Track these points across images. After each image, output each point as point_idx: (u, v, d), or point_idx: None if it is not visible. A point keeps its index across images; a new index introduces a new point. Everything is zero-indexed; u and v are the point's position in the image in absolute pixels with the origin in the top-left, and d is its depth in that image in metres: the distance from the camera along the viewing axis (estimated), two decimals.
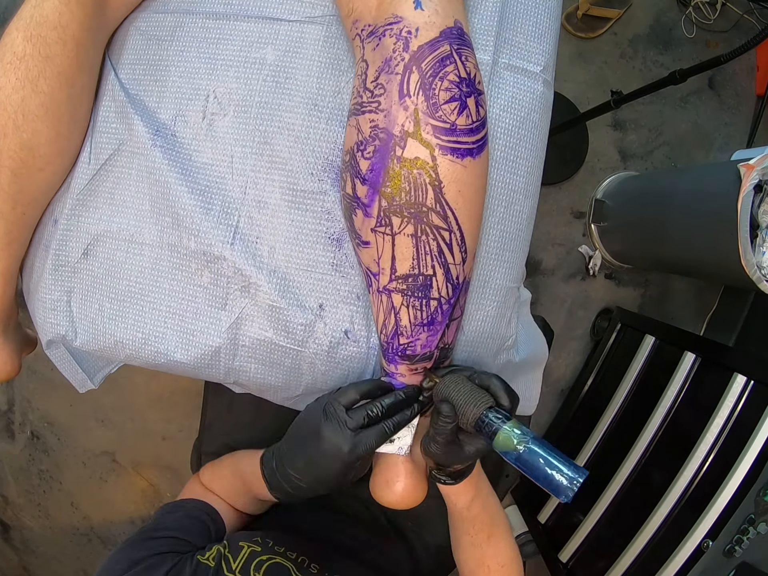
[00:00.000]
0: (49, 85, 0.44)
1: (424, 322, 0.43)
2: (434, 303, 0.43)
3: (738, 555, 0.84)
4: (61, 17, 0.44)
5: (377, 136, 0.39)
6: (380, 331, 0.46)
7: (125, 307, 0.51)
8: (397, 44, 0.38)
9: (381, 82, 0.39)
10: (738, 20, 1.50)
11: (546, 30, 0.49)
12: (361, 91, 0.41)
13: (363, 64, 0.41)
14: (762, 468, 0.86)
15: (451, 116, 0.38)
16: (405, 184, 0.39)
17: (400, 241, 0.41)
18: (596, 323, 1.54)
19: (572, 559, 1.20)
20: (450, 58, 0.38)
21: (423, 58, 0.38)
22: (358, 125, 0.41)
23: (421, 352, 0.45)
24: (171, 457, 1.55)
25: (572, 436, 1.39)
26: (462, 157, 0.39)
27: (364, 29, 0.41)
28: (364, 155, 0.40)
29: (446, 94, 0.38)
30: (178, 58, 0.50)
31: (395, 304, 0.43)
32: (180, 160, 0.48)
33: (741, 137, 1.53)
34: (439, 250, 0.41)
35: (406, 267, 0.41)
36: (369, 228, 0.42)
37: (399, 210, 0.40)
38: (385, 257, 0.42)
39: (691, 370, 1.11)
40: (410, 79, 0.38)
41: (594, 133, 1.48)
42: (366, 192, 0.41)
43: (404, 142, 0.38)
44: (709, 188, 1.05)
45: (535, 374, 0.66)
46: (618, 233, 1.43)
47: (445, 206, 0.39)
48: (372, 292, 0.45)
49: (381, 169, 0.39)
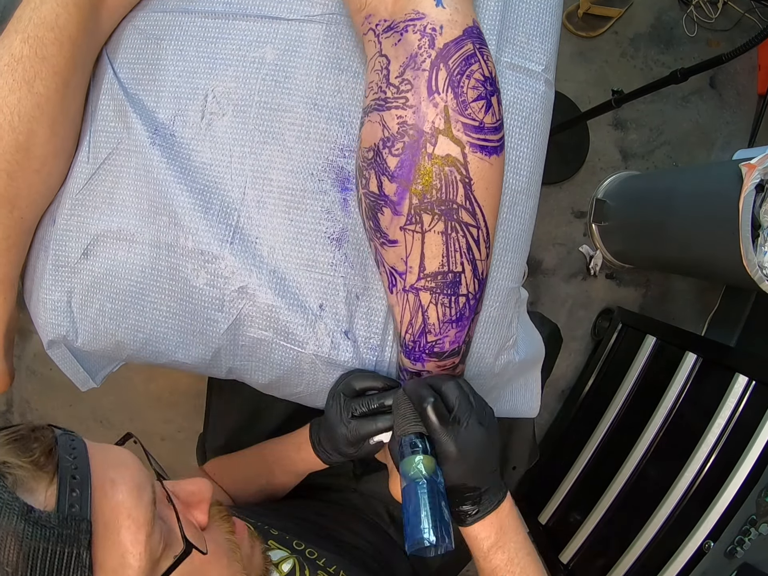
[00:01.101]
0: (45, 86, 0.44)
1: (452, 318, 0.44)
2: (462, 299, 0.43)
3: (739, 556, 0.84)
4: (58, 18, 0.44)
5: (406, 132, 0.39)
6: (405, 330, 0.46)
7: (126, 307, 0.51)
8: (423, 41, 0.38)
9: (407, 78, 0.39)
10: (739, 19, 1.50)
11: (548, 29, 0.49)
12: (384, 87, 0.40)
13: (382, 59, 0.40)
14: (764, 469, 0.86)
15: (479, 114, 0.39)
16: (436, 181, 0.39)
17: (430, 239, 0.41)
18: (597, 323, 1.54)
19: (573, 560, 1.20)
20: (474, 57, 0.38)
21: (450, 56, 0.38)
22: (382, 121, 0.40)
23: (449, 348, 0.45)
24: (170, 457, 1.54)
25: (573, 436, 1.39)
26: (489, 155, 0.40)
27: (379, 24, 0.40)
28: (392, 152, 0.40)
29: (474, 92, 0.38)
30: (176, 57, 0.49)
31: (423, 303, 0.43)
32: (179, 159, 0.48)
33: (742, 136, 1.53)
34: (468, 247, 0.41)
35: (435, 264, 0.41)
36: (398, 226, 0.41)
37: (430, 207, 0.40)
38: (414, 255, 0.42)
39: (692, 371, 1.10)
40: (438, 76, 0.38)
41: (595, 132, 1.48)
42: (395, 189, 0.40)
43: (435, 139, 0.38)
44: (711, 188, 1.05)
45: (534, 373, 0.66)
46: (619, 233, 1.43)
47: (475, 203, 0.40)
48: (396, 292, 0.45)
49: (411, 166, 0.39)
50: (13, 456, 0.31)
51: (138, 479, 0.35)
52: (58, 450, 0.33)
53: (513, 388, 0.62)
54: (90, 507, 0.31)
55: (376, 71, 0.41)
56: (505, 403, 0.61)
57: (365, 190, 0.43)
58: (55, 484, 0.31)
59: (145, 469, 0.37)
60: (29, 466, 0.31)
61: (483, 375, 0.54)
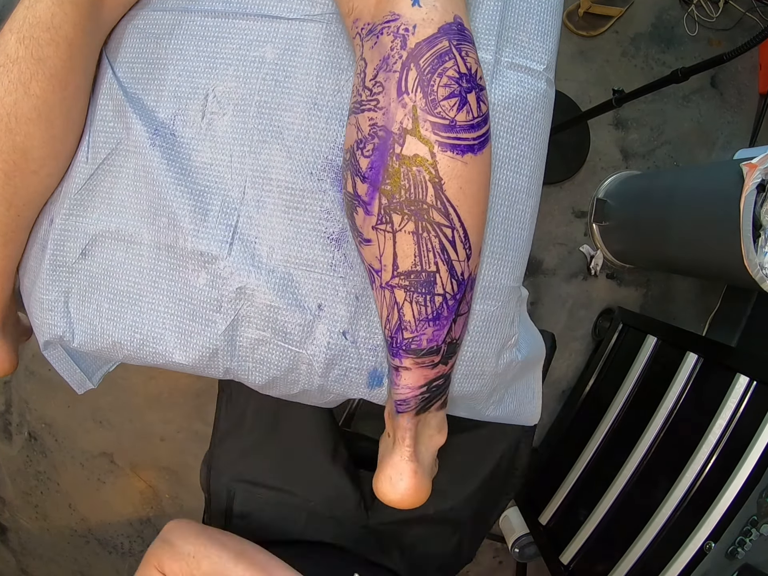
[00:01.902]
0: (42, 88, 0.44)
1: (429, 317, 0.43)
2: (439, 299, 0.43)
3: (740, 557, 0.84)
4: (54, 18, 0.43)
5: (376, 134, 0.39)
6: (384, 326, 0.46)
7: (123, 307, 0.50)
8: (395, 42, 0.38)
9: (380, 80, 0.39)
10: (741, 18, 1.49)
11: (548, 28, 0.49)
12: (360, 90, 0.40)
13: (362, 63, 0.41)
14: (765, 469, 0.86)
15: (451, 112, 0.38)
16: (404, 181, 0.39)
17: (401, 239, 0.40)
18: (598, 323, 1.54)
19: (574, 561, 1.19)
20: (449, 54, 0.38)
21: (421, 55, 0.37)
22: (357, 123, 0.41)
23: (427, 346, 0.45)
24: (169, 458, 1.54)
25: (574, 437, 1.39)
26: (462, 154, 0.39)
27: (364, 28, 0.40)
28: (363, 153, 0.40)
29: (445, 90, 0.38)
30: (176, 56, 0.49)
31: (398, 300, 0.43)
32: (179, 159, 0.48)
33: (743, 136, 1.53)
34: (441, 247, 0.41)
35: (408, 264, 0.41)
36: (370, 226, 0.42)
37: (399, 207, 0.39)
38: (387, 254, 0.42)
39: (693, 371, 1.10)
40: (408, 77, 0.37)
41: (595, 132, 1.48)
42: (366, 190, 0.40)
43: (403, 139, 0.38)
44: (712, 187, 1.04)
45: (535, 373, 0.66)
46: (620, 233, 1.42)
47: (446, 203, 0.39)
48: (375, 288, 0.45)
49: (380, 167, 0.39)
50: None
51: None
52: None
53: (516, 389, 0.62)
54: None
55: (357, 74, 0.41)
56: (508, 405, 0.61)
57: (344, 190, 0.44)
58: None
59: None
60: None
61: (486, 375, 0.54)
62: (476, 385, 0.54)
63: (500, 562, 1.65)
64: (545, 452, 1.47)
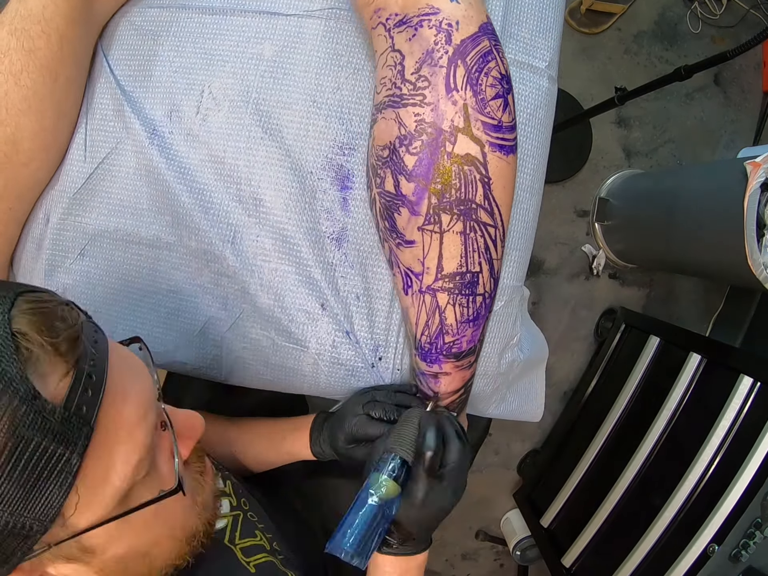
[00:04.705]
0: (32, 79, 0.44)
1: (470, 318, 0.43)
2: (479, 299, 0.43)
3: (744, 560, 0.83)
4: (45, 10, 0.43)
5: (424, 130, 0.38)
6: (420, 332, 0.45)
7: (122, 308, 0.50)
8: (439, 36, 0.37)
9: (424, 74, 0.38)
10: (744, 15, 1.49)
11: (550, 25, 0.49)
12: (399, 83, 0.39)
13: (396, 55, 0.39)
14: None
15: (498, 113, 0.38)
16: (456, 180, 0.38)
17: (448, 239, 0.40)
18: (600, 324, 1.53)
19: (575, 563, 1.19)
20: (491, 54, 0.38)
21: (467, 53, 0.37)
22: (398, 118, 0.39)
23: (467, 348, 0.45)
24: None
25: (576, 438, 1.38)
26: (507, 154, 0.39)
27: (390, 18, 0.39)
28: (409, 150, 0.39)
29: (492, 90, 0.38)
30: (173, 53, 0.49)
31: (440, 304, 0.43)
32: (177, 158, 0.48)
33: (747, 134, 1.52)
34: (485, 247, 0.41)
35: (453, 265, 0.41)
36: (415, 226, 0.41)
37: (449, 207, 0.39)
38: (431, 256, 0.41)
39: (696, 372, 1.09)
40: (456, 73, 0.37)
41: (598, 130, 1.47)
42: (413, 189, 0.40)
43: (455, 137, 0.38)
44: (715, 186, 1.04)
45: (537, 372, 0.66)
46: (622, 232, 1.42)
47: (493, 203, 0.40)
48: (412, 293, 0.44)
49: (430, 165, 0.38)
50: (35, 330, 0.27)
51: (148, 397, 0.33)
52: (83, 340, 0.29)
53: (518, 388, 0.62)
54: (97, 413, 0.28)
55: (390, 67, 0.40)
56: (510, 403, 0.60)
57: (380, 189, 0.42)
58: (70, 377, 0.28)
59: (155, 388, 0.34)
60: (49, 347, 0.27)
61: (488, 374, 0.53)
62: (479, 384, 0.53)
63: (501, 565, 1.65)
64: (547, 453, 1.46)
